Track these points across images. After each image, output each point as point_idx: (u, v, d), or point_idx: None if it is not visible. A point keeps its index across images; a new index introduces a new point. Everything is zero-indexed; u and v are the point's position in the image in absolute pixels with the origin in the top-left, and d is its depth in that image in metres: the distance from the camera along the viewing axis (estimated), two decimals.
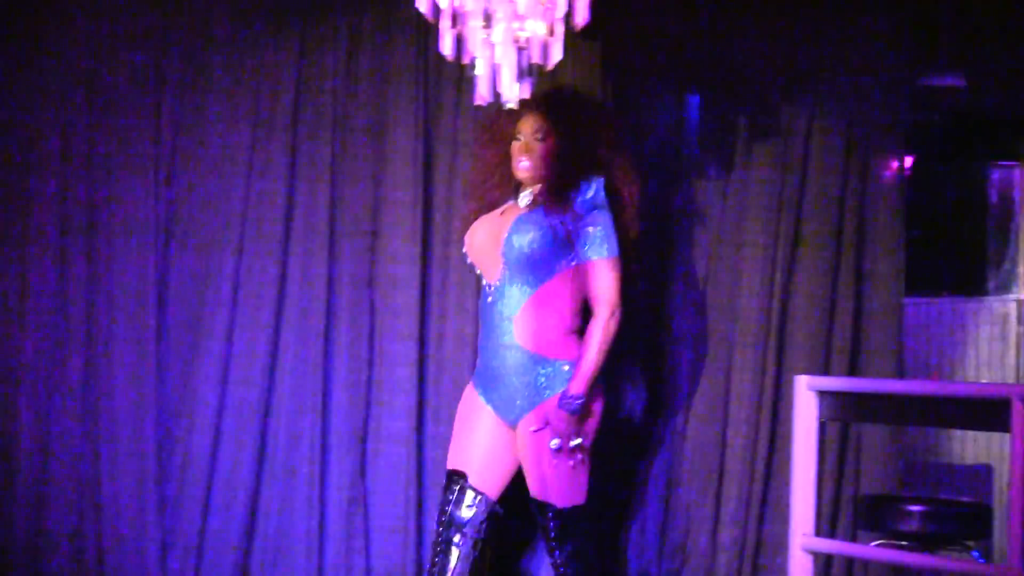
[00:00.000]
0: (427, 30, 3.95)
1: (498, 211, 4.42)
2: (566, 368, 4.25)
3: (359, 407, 4.89)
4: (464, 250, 4.43)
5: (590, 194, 4.28)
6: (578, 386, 4.19)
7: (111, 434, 4.80)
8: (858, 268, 5.03)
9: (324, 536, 4.85)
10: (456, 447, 4.39)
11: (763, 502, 4.97)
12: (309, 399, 4.87)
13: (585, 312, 4.30)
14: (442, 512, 4.33)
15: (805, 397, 4.38)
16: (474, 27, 3.88)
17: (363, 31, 4.91)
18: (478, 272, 4.42)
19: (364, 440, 4.89)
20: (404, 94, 4.91)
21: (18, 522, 4.76)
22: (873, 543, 4.75)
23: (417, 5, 3.83)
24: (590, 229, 4.27)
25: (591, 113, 4.50)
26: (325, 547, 4.85)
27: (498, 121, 4.44)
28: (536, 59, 3.91)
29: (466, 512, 4.31)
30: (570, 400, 4.19)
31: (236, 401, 4.84)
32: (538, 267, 4.27)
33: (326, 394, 4.87)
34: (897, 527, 4.63)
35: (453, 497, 4.34)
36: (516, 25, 3.87)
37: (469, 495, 4.32)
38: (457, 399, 4.48)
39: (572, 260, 4.30)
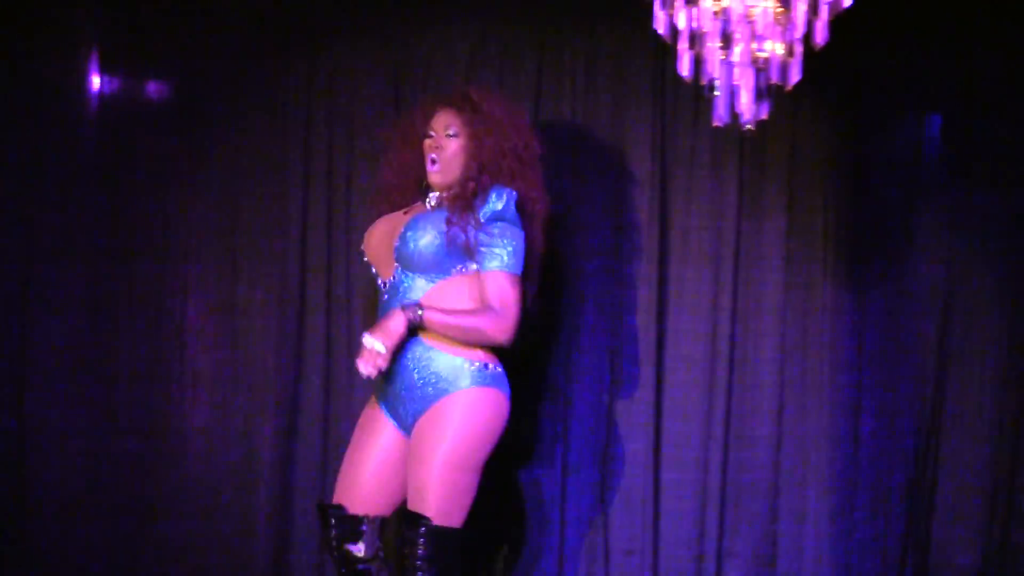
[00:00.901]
0: (664, 51, 3.94)
1: (402, 211, 4.25)
2: (467, 366, 4.03)
3: (599, 430, 4.88)
4: (362, 247, 4.28)
5: (499, 205, 4.05)
6: (423, 313, 3.97)
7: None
8: None
9: (564, 557, 4.87)
10: (341, 476, 4.21)
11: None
12: (549, 422, 4.89)
13: None
14: (332, 551, 4.16)
15: None
16: (712, 48, 3.86)
17: (599, 53, 4.90)
18: (373, 272, 4.24)
19: (604, 462, 4.89)
20: (640, 116, 4.89)
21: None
22: None
23: (655, 26, 3.84)
24: (490, 240, 4.04)
25: (507, 119, 4.23)
26: (565, 568, 4.87)
27: (412, 121, 4.29)
28: (775, 79, 3.87)
29: (359, 547, 4.14)
30: (412, 307, 3.98)
31: None
32: (431, 267, 4.07)
33: (567, 417, 4.88)
34: None
35: (335, 532, 4.15)
36: (755, 46, 3.84)
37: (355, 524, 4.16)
38: (689, 420, 4.42)
39: (466, 267, 4.08)
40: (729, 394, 4.88)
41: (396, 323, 3.97)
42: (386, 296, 4.13)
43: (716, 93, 3.88)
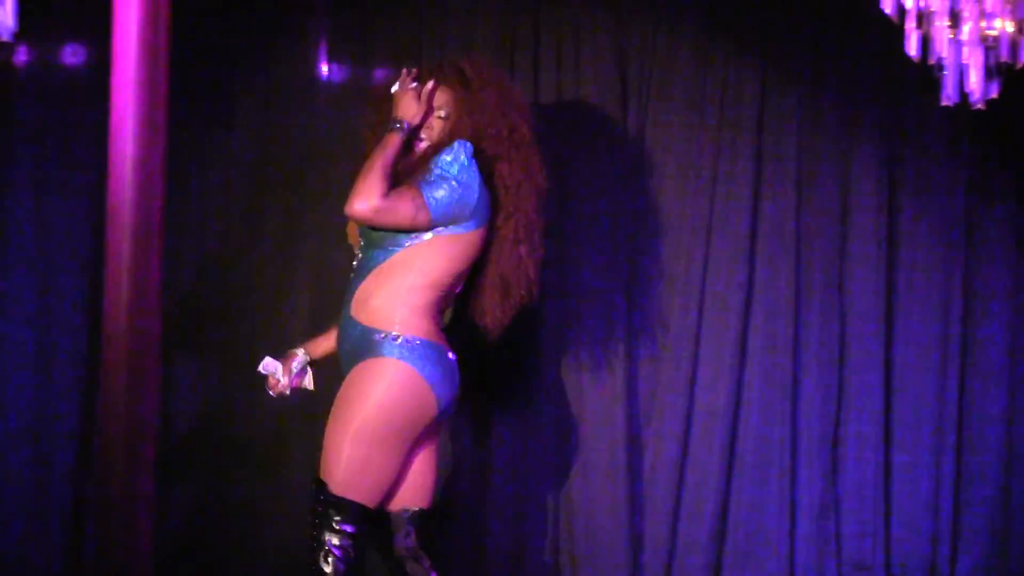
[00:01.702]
0: (891, 31, 3.90)
1: None
2: (378, 336, 3.85)
3: (829, 412, 4.85)
4: (347, 228, 4.16)
5: (448, 157, 3.89)
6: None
7: (584, 435, 4.89)
8: None
9: (795, 541, 4.84)
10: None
11: None
12: (778, 404, 4.86)
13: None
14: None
15: None
16: (940, 27, 3.81)
17: (829, 32, 4.86)
18: (353, 247, 4.10)
19: (834, 445, 4.86)
20: (869, 96, 4.85)
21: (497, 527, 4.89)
22: None
23: (882, 6, 3.80)
24: (426, 172, 3.90)
25: (495, 105, 4.05)
26: (796, 552, 4.84)
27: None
28: (1005, 58, 3.80)
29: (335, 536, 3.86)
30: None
31: (704, 405, 4.86)
32: (384, 238, 3.90)
33: (795, 399, 4.86)
34: None
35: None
36: (983, 24, 3.78)
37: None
38: (921, 402, 4.37)
39: (420, 235, 3.90)
40: (962, 376, 4.81)
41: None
42: (352, 274, 4.02)
43: (944, 72, 3.84)
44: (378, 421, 3.82)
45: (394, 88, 4.07)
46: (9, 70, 4.88)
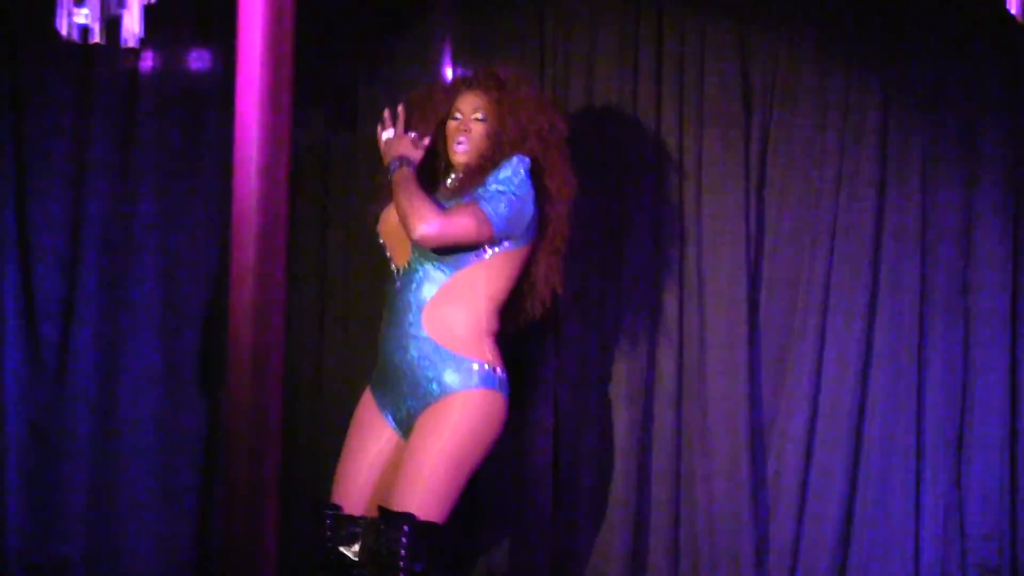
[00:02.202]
0: (1016, 33, 3.81)
1: None
2: (475, 367, 3.94)
3: (954, 413, 4.78)
4: (377, 228, 4.16)
5: (507, 172, 3.96)
6: (403, 169, 3.98)
7: (705, 432, 4.86)
8: None
9: (920, 542, 4.78)
10: (337, 474, 4.11)
11: None
12: (903, 406, 4.80)
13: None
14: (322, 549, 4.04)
15: None
16: None
17: (951, 35, 4.79)
18: (388, 255, 4.13)
19: (960, 447, 4.78)
20: (993, 99, 4.77)
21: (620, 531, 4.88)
22: None
23: (1008, 5, 3.71)
24: (486, 187, 3.97)
25: (534, 100, 4.14)
26: (922, 554, 4.78)
27: (432, 98, 4.16)
28: None
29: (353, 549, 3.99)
30: (402, 160, 3.98)
31: (828, 408, 4.82)
32: (447, 254, 3.96)
33: (920, 400, 4.79)
34: None
35: (331, 533, 4.02)
36: None
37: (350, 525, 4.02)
38: None
39: (484, 251, 3.98)
40: None
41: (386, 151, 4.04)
42: (398, 284, 4.06)
43: None
44: (471, 449, 3.95)
45: (384, 136, 4.11)
46: (135, 77, 4.94)
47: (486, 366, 3.97)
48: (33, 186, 4.89)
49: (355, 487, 4.08)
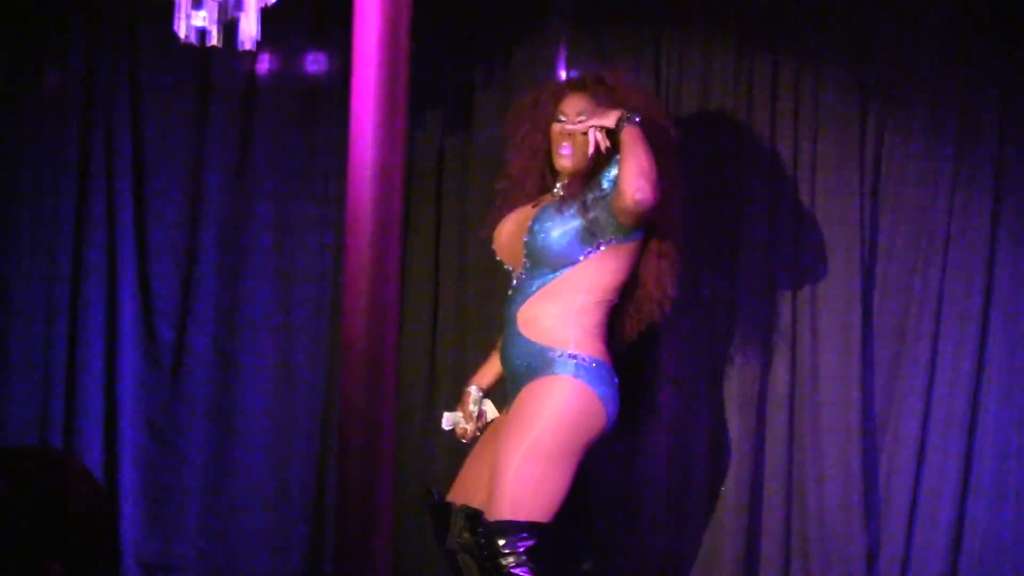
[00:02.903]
0: None
1: (531, 203, 4.08)
2: (556, 355, 3.89)
3: None
4: (494, 245, 4.13)
5: (616, 172, 3.90)
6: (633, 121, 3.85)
7: (818, 435, 4.82)
8: None
9: None
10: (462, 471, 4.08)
11: None
12: (1017, 411, 4.74)
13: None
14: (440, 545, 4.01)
15: None
16: None
17: None
18: (507, 268, 4.10)
19: None
20: None
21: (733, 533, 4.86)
22: None
23: None
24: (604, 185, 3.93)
25: (641, 106, 4.04)
26: None
27: (539, 103, 4.09)
28: None
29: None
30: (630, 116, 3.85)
31: (941, 412, 4.77)
32: (560, 259, 3.95)
33: None
34: None
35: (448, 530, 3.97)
36: None
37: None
38: None
39: (594, 248, 3.95)
40: None
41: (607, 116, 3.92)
42: (511, 292, 4.06)
43: None
44: (553, 438, 3.85)
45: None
46: (252, 79, 4.98)
47: (569, 353, 3.92)
48: (152, 187, 4.95)
49: (463, 484, 4.05)
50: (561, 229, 3.98)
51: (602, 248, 3.99)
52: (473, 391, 4.20)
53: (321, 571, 4.91)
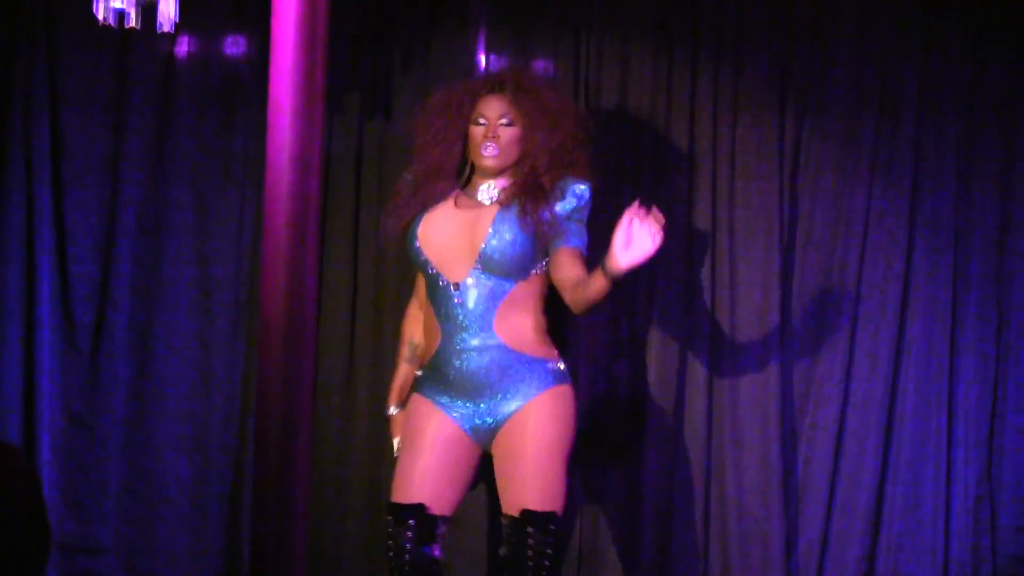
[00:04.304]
0: None
1: (449, 203, 4.17)
2: (550, 366, 4.11)
3: (985, 405, 4.78)
4: (417, 244, 4.16)
5: (579, 203, 4.11)
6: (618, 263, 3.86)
7: (736, 421, 4.85)
8: None
9: (951, 532, 4.78)
10: (408, 473, 4.11)
11: None
12: (934, 396, 4.80)
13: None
14: (401, 552, 4.06)
15: None
16: None
17: (991, 15, 4.78)
18: (432, 272, 4.15)
19: (991, 436, 4.77)
20: None
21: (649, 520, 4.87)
22: None
23: None
24: (570, 224, 4.09)
25: (557, 103, 4.18)
26: (951, 544, 4.78)
27: (455, 103, 4.16)
28: None
29: (434, 549, 4.09)
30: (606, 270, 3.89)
31: (860, 397, 4.82)
32: (516, 267, 4.08)
33: (952, 391, 4.79)
34: None
35: (413, 534, 4.05)
36: None
37: (433, 525, 4.09)
38: None
39: (543, 265, 4.13)
40: None
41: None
42: (457, 298, 4.11)
43: None
44: (563, 441, 4.10)
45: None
46: (170, 62, 4.96)
47: (554, 363, 4.14)
48: (69, 170, 4.92)
49: (430, 487, 4.09)
50: (521, 240, 4.08)
51: (545, 261, 4.14)
52: (399, 415, 4.32)
53: (239, 552, 4.91)
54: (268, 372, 2.92)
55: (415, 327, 4.33)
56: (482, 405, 4.11)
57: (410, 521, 4.07)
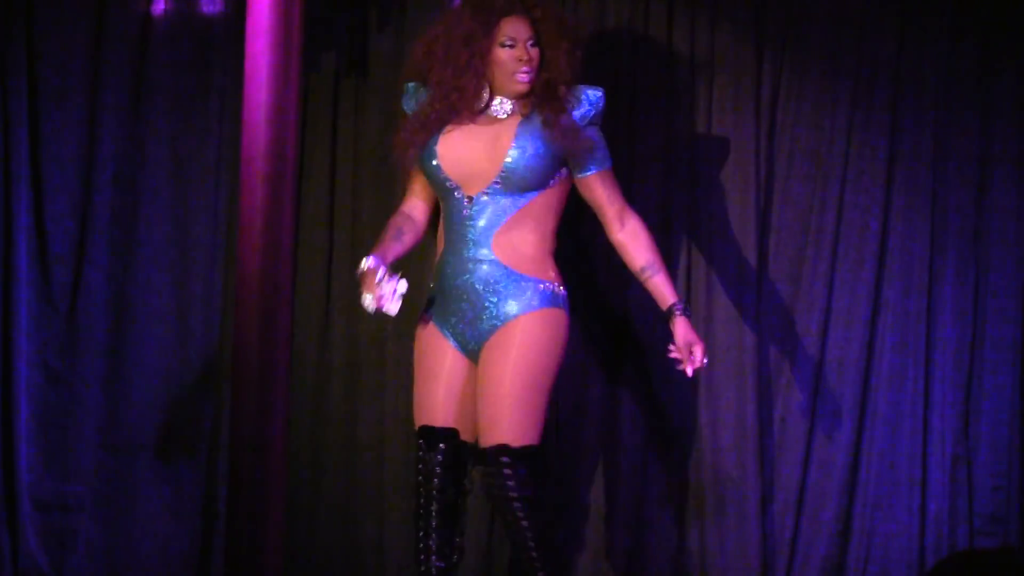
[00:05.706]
0: None
1: (465, 119, 4.13)
2: (541, 287, 4.06)
3: (963, 362, 4.78)
4: (435, 162, 4.12)
5: (592, 109, 4.12)
6: (674, 292, 4.12)
7: (711, 378, 4.85)
8: None
9: (928, 491, 4.79)
10: (426, 397, 4.14)
11: None
12: (911, 354, 4.80)
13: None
14: (431, 476, 4.09)
15: None
16: None
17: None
18: (450, 186, 4.12)
19: (968, 397, 4.78)
20: (1010, 42, 4.74)
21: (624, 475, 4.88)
22: None
23: None
24: (595, 142, 4.11)
25: (568, 20, 4.23)
26: (928, 503, 4.79)
27: (477, 22, 4.10)
28: None
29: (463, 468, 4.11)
30: (683, 308, 4.09)
31: (836, 355, 4.83)
32: (538, 179, 4.07)
33: (929, 351, 4.79)
34: None
35: (442, 458, 4.08)
36: None
37: (462, 449, 4.12)
38: None
39: (561, 175, 4.13)
40: None
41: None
42: (465, 212, 4.11)
43: None
44: (547, 368, 4.04)
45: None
46: (147, 19, 4.94)
47: (549, 285, 4.09)
48: (47, 127, 4.91)
49: (440, 407, 4.12)
50: (542, 152, 4.08)
51: (562, 176, 4.14)
52: (379, 267, 4.00)
53: (216, 509, 4.93)
54: (246, 328, 2.93)
55: (402, 220, 4.25)
56: (472, 325, 4.10)
57: (440, 445, 4.10)
